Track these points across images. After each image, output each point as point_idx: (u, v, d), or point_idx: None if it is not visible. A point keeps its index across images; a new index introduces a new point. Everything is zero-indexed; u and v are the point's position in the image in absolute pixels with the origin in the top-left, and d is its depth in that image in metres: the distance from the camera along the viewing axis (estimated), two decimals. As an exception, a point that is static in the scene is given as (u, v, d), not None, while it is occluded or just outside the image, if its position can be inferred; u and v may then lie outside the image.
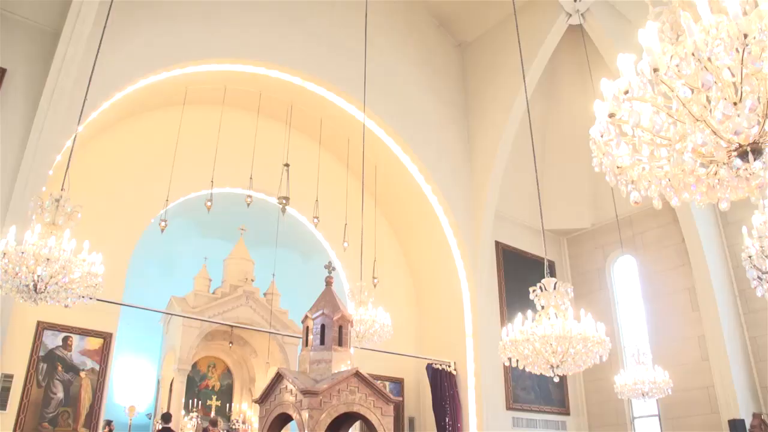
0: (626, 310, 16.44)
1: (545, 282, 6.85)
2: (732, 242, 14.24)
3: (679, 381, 11.82)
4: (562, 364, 6.60)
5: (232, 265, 14.43)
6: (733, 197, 2.97)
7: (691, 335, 14.46)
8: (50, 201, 6.41)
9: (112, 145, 11.81)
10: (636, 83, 2.84)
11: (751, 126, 2.54)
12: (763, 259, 4.79)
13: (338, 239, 12.28)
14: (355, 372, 6.92)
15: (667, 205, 10.80)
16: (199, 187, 12.13)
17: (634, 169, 3.03)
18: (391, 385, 13.98)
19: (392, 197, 15.31)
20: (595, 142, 3.10)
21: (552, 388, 15.61)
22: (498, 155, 14.76)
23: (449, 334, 14.55)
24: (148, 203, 11.65)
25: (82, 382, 10.43)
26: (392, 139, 14.09)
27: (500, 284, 15.56)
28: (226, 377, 15.34)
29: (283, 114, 13.41)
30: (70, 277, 6.26)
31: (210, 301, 13.45)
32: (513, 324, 6.90)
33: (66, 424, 10.08)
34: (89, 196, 9.86)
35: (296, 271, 14.93)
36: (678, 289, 15.04)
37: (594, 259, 17.24)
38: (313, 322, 7.08)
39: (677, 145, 2.79)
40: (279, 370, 7.01)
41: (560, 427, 15.67)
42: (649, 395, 10.84)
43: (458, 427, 13.57)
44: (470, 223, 14.83)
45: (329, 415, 6.58)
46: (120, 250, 11.08)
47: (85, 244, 6.48)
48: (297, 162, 12.60)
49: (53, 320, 10.25)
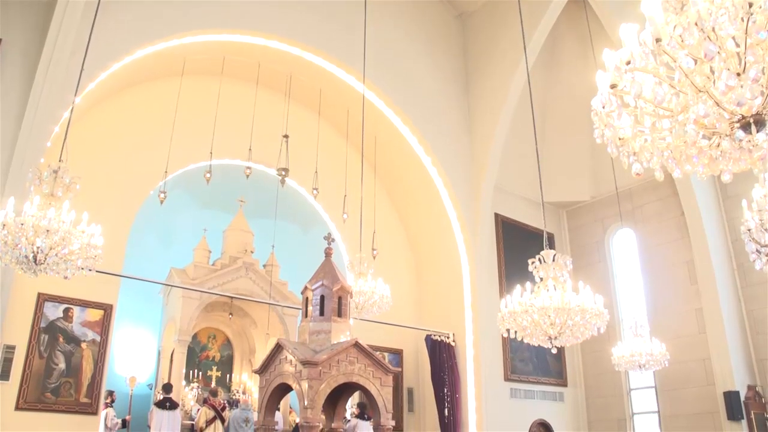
0: (625, 283, 16.51)
1: (544, 254, 6.86)
2: (731, 216, 14.24)
3: (676, 353, 11.91)
4: (560, 335, 6.64)
5: (232, 236, 14.44)
6: (735, 169, 2.95)
7: (688, 308, 14.53)
8: (48, 172, 6.39)
9: (110, 117, 11.74)
10: (638, 54, 2.81)
11: (755, 97, 2.51)
12: (762, 233, 4.78)
13: (338, 211, 12.28)
14: (355, 343, 6.96)
15: (667, 178, 10.60)
16: (198, 158, 12.09)
17: (635, 140, 3.00)
18: (390, 356, 14.09)
19: (392, 169, 15.28)
20: (596, 113, 3.08)
21: (550, 360, 15.73)
22: (498, 127, 14.70)
23: (448, 306, 14.63)
24: (147, 175, 11.62)
25: (83, 353, 10.50)
26: (392, 111, 14.01)
27: (499, 256, 15.61)
28: (226, 348, 15.44)
29: (282, 85, 13.32)
30: (69, 249, 6.26)
31: (209, 272, 13.48)
32: (512, 295, 6.92)
33: (68, 394, 10.18)
34: (88, 168, 9.83)
35: (296, 242, 14.95)
36: (676, 263, 15.08)
37: (593, 232, 17.26)
38: (312, 294, 7.10)
39: (679, 116, 2.76)
40: (279, 341, 7.04)
41: (558, 398, 15.83)
42: (646, 367, 10.93)
43: (456, 398, 13.71)
44: (470, 195, 14.82)
45: (329, 386, 6.63)
46: (119, 222, 11.08)
47: (84, 215, 6.48)
48: (296, 133, 12.54)
49: (54, 292, 10.29)
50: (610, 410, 15.80)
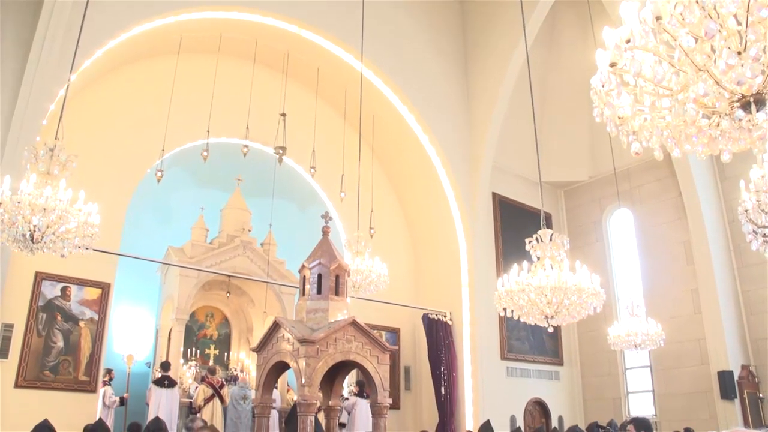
0: (621, 263, 16.56)
1: (541, 233, 6.87)
2: (729, 197, 14.26)
3: (672, 333, 11.99)
4: (556, 314, 6.67)
5: (229, 215, 14.42)
6: (734, 149, 2.95)
7: (684, 288, 14.60)
8: (45, 150, 6.36)
9: (106, 95, 11.66)
10: (638, 32, 2.79)
11: (755, 76, 2.50)
12: (759, 213, 4.78)
13: (335, 189, 12.26)
14: (352, 321, 6.98)
15: (665, 159, 10.66)
16: (195, 137, 12.03)
17: (635, 119, 2.99)
18: (388, 334, 14.15)
19: (389, 148, 15.24)
20: (596, 92, 3.06)
21: (546, 339, 15.82)
22: (497, 106, 14.64)
23: (445, 285, 14.67)
24: (144, 153, 11.57)
25: (81, 332, 10.53)
26: (390, 89, 13.94)
27: (497, 235, 15.63)
28: (224, 326, 15.49)
29: (279, 63, 13.22)
30: (66, 227, 6.26)
31: (207, 251, 13.47)
32: (509, 275, 6.94)
33: (67, 372, 10.22)
34: (84, 146, 9.77)
35: (293, 221, 14.93)
36: (673, 243, 15.12)
37: (591, 212, 17.28)
38: (310, 272, 7.11)
39: (679, 95, 2.75)
40: (276, 319, 7.06)
41: (553, 377, 15.95)
42: (641, 347, 11.01)
43: (453, 377, 13.80)
44: (468, 174, 14.80)
45: (326, 364, 6.66)
46: (116, 201, 11.05)
47: (81, 194, 6.46)
48: (293, 112, 12.47)
49: (51, 270, 10.29)
50: (605, 389, 15.93)
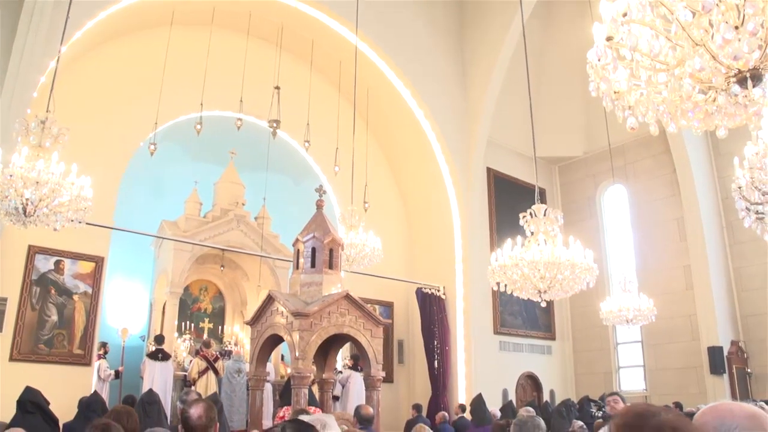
0: (615, 239, 16.64)
1: (535, 208, 6.88)
2: (723, 174, 14.30)
3: (663, 309, 12.08)
4: (549, 289, 6.71)
5: (223, 189, 14.36)
6: (730, 125, 2.94)
7: (677, 265, 14.69)
8: (36, 123, 6.30)
9: (98, 67, 11.54)
10: (635, 5, 2.76)
11: (752, 51, 2.48)
12: (752, 190, 4.78)
13: (329, 163, 12.20)
14: (346, 294, 7.00)
15: (659, 135, 10.49)
16: (188, 110, 11.93)
17: (631, 94, 2.97)
18: (381, 308, 14.21)
19: (384, 122, 15.17)
20: (592, 66, 3.04)
21: (539, 314, 15.93)
22: (492, 81, 14.57)
23: (439, 259, 14.72)
24: (136, 126, 11.48)
25: (75, 305, 10.54)
26: (385, 63, 13.85)
27: (491, 210, 15.65)
28: (218, 300, 15.52)
29: (273, 35, 13.09)
30: (59, 201, 6.23)
31: (201, 224, 13.44)
32: (502, 249, 6.96)
33: (61, 345, 10.25)
34: (76, 119, 9.69)
35: (287, 195, 14.90)
36: (667, 219, 15.18)
37: (585, 188, 17.31)
38: (303, 246, 7.11)
39: (676, 70, 2.73)
40: (270, 293, 7.08)
41: (546, 352, 16.09)
42: (633, 322, 11.10)
43: (446, 350, 13.90)
44: (462, 149, 14.78)
45: (320, 337, 6.70)
46: (109, 174, 11.00)
47: (74, 167, 6.42)
48: (288, 85, 12.37)
49: (44, 244, 10.26)
50: (596, 364, 16.09)
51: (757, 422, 1.71)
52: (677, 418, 1.41)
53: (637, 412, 1.45)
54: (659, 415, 1.41)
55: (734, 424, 1.70)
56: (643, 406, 1.48)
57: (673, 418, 1.40)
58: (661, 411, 1.43)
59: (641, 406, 1.49)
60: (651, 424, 1.38)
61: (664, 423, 1.37)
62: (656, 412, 1.42)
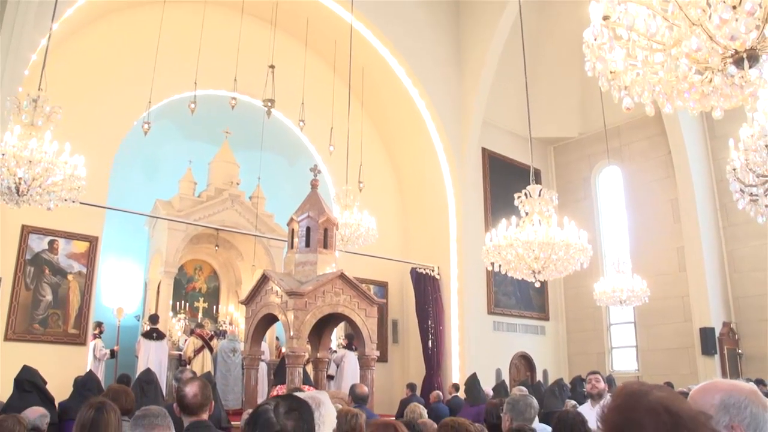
0: (609, 220, 16.68)
1: (530, 189, 6.88)
2: (718, 156, 14.31)
3: (656, 290, 12.15)
4: (543, 270, 6.73)
5: (217, 168, 14.31)
6: (726, 106, 2.93)
7: (670, 246, 14.74)
8: (28, 101, 6.25)
9: (90, 45, 11.43)
10: (633, -16, 2.74)
11: (749, 31, 2.47)
12: (746, 173, 4.78)
13: (324, 143, 12.15)
14: (340, 274, 7.01)
15: (655, 117, 10.50)
16: (182, 88, 11.83)
17: (627, 74, 2.96)
18: (376, 288, 14.24)
19: (379, 101, 15.11)
20: (588, 45, 3.02)
21: (533, 294, 15.99)
22: (488, 61, 14.51)
23: (434, 239, 14.74)
24: (130, 105, 11.39)
25: (70, 285, 10.53)
26: (380, 42, 13.77)
27: (486, 191, 15.65)
28: (213, 280, 15.52)
29: (267, 13, 12.95)
30: (52, 180, 6.20)
31: (195, 204, 13.41)
32: (497, 229, 6.97)
33: (56, 325, 10.25)
34: (68, 98, 9.59)
35: (282, 174, 14.87)
36: (661, 201, 15.22)
37: (580, 169, 17.31)
38: (298, 225, 7.10)
39: (672, 50, 2.72)
40: (265, 272, 7.08)
41: (539, 332, 16.18)
42: (626, 303, 11.16)
43: (440, 330, 13.97)
44: (457, 129, 14.74)
45: (314, 316, 6.72)
46: (103, 153, 10.93)
47: (67, 146, 6.37)
48: (282, 64, 12.27)
49: (38, 224, 10.23)
50: (589, 344, 16.20)
51: (760, 398, 1.73)
52: (669, 394, 1.41)
53: (629, 392, 1.44)
54: (651, 393, 1.40)
55: (743, 398, 1.72)
56: (635, 386, 1.47)
57: (665, 395, 1.40)
58: (653, 389, 1.43)
59: (633, 385, 1.48)
60: (644, 404, 1.38)
61: (658, 401, 1.37)
62: (648, 391, 1.42)
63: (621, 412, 1.41)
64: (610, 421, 1.43)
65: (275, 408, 1.84)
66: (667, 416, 1.33)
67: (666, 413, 1.34)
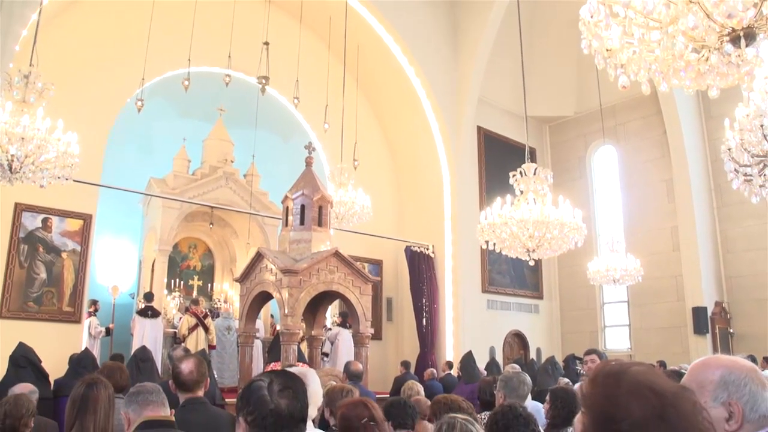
0: (603, 199, 16.71)
1: (525, 167, 6.87)
2: (713, 136, 14.31)
3: (650, 269, 12.22)
4: (538, 248, 6.75)
5: (211, 146, 14.25)
6: (722, 84, 2.92)
7: (664, 226, 14.79)
8: (19, 77, 6.19)
9: (83, 20, 11.29)
10: (631, -39, 2.71)
11: (746, 9, 2.45)
12: (741, 153, 4.79)
13: (319, 120, 12.08)
14: (335, 252, 7.02)
15: (651, 96, 10.59)
16: (175, 65, 11.73)
17: (623, 52, 2.94)
18: (370, 266, 14.25)
19: (374, 79, 15.02)
20: (584, 23, 2.99)
21: (527, 273, 16.06)
22: (484, 39, 14.42)
23: (428, 217, 14.75)
24: (123, 82, 11.30)
25: (64, 263, 10.51)
26: (375, 19, 13.66)
27: (480, 169, 15.64)
28: (207, 258, 15.53)
29: (262, -10, 12.84)
30: (45, 157, 6.16)
31: (189, 182, 13.36)
32: (492, 208, 6.97)
33: (51, 303, 10.24)
34: (61, 74, 9.50)
35: (276, 152, 14.81)
36: (656, 181, 15.24)
37: (575, 148, 17.29)
38: (293, 203, 7.09)
39: (669, 28, 2.70)
40: (259, 250, 7.08)
41: (533, 310, 16.26)
42: (620, 282, 11.23)
43: (434, 308, 14.03)
44: (453, 107, 14.69)
45: (308, 294, 6.74)
46: (96, 131, 10.85)
47: (60, 123, 6.33)
48: (277, 41, 12.14)
49: (31, 202, 10.17)
50: (583, 323, 16.30)
51: (759, 377, 1.74)
52: (648, 369, 1.36)
53: (607, 373, 1.37)
54: (629, 372, 1.34)
55: (743, 375, 1.72)
56: (612, 366, 1.39)
57: (643, 370, 1.35)
58: (631, 366, 1.36)
59: (609, 366, 1.39)
60: (625, 384, 1.32)
61: (639, 381, 1.33)
62: (625, 370, 1.35)
63: (604, 396, 1.34)
64: (594, 406, 1.36)
65: (269, 385, 1.84)
66: (652, 396, 1.30)
67: (651, 393, 1.30)
